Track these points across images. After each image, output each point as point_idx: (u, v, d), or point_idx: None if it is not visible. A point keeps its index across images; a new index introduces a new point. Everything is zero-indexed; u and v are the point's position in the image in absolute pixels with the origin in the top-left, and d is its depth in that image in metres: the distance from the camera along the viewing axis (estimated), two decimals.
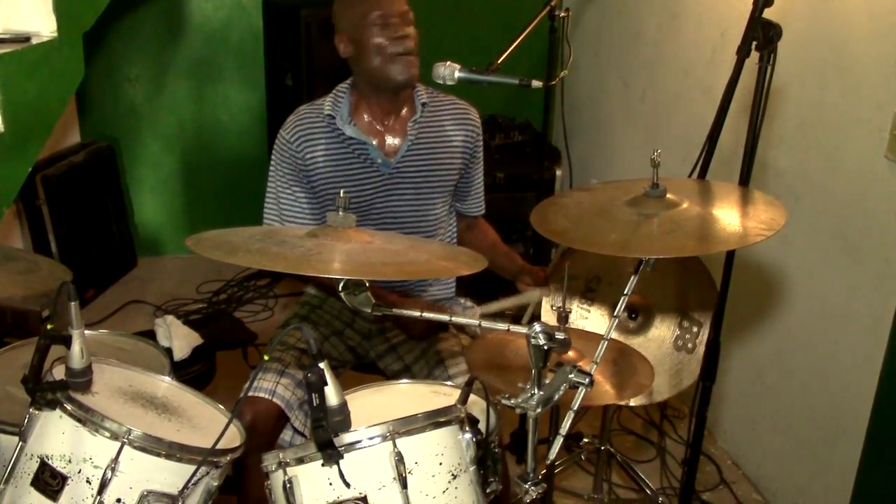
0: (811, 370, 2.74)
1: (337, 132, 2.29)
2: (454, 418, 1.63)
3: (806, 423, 2.79)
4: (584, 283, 2.38)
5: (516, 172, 4.08)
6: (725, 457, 3.18)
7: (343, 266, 1.36)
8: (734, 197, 1.77)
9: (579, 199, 1.78)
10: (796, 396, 2.82)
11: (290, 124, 2.33)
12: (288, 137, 2.31)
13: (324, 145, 2.29)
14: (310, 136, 2.30)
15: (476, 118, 2.42)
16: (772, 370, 2.93)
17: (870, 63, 2.38)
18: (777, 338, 2.88)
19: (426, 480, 1.55)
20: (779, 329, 2.87)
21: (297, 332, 2.39)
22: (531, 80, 2.21)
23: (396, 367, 2.39)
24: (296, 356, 2.33)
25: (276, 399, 2.22)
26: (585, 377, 1.59)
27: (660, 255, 1.57)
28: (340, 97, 2.32)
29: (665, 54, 3.50)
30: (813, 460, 2.76)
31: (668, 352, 2.30)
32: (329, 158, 2.29)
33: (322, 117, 2.30)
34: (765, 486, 3.00)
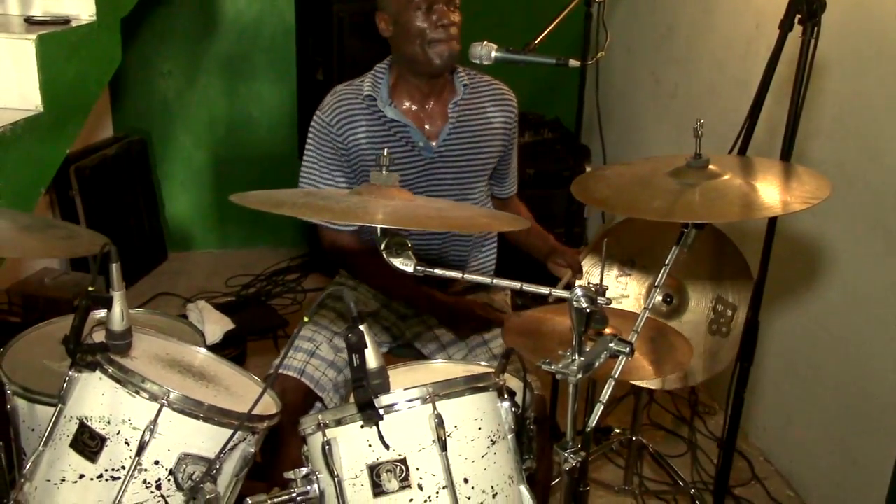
0: (845, 363, 2.70)
1: (377, 114, 2.27)
2: (492, 384, 1.63)
3: (840, 417, 2.75)
4: (619, 267, 2.37)
5: (546, 169, 4.08)
6: (757, 453, 3.15)
7: (387, 217, 1.36)
8: (776, 170, 1.76)
9: (620, 171, 1.78)
10: (830, 390, 2.79)
11: (329, 105, 2.30)
12: (327, 119, 2.28)
13: (365, 127, 2.26)
14: (350, 117, 2.27)
15: (514, 100, 2.41)
16: (805, 364, 2.90)
17: None
18: (811, 331, 2.85)
19: (465, 444, 1.55)
20: (813, 322, 2.84)
21: (330, 313, 2.39)
22: (568, 59, 2.21)
23: (433, 347, 2.38)
24: (328, 336, 2.33)
25: (304, 378, 2.22)
26: (626, 346, 1.58)
27: (703, 220, 1.56)
28: (380, 78, 2.30)
29: (698, 49, 3.49)
30: (847, 455, 2.72)
31: (702, 335, 2.28)
32: (371, 140, 2.26)
33: (362, 98, 2.28)
34: (798, 482, 2.96)
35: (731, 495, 2.91)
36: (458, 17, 2.21)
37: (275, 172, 4.48)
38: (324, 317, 2.39)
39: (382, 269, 2.24)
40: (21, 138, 2.35)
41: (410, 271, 1.50)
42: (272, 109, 4.55)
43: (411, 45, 2.20)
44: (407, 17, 2.18)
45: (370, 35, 2.33)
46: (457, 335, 2.34)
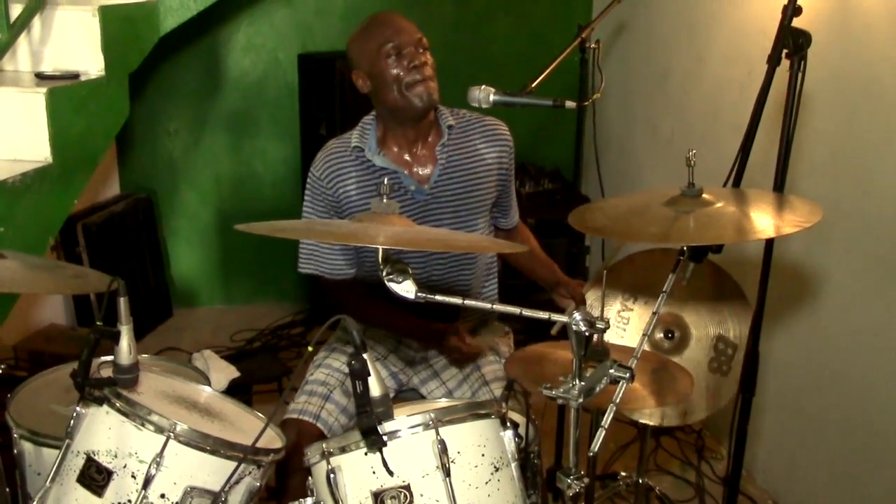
0: (849, 399, 2.71)
1: (366, 164, 2.29)
2: (494, 412, 1.65)
3: (847, 454, 2.74)
4: (621, 303, 2.39)
5: (547, 218, 4.12)
6: (765, 495, 3.12)
7: (388, 239, 1.39)
8: (769, 199, 1.80)
9: (616, 202, 1.82)
10: (836, 429, 2.78)
11: (320, 161, 2.33)
12: (318, 174, 2.31)
13: (355, 177, 2.29)
14: (340, 169, 2.30)
15: (507, 133, 2.41)
16: (810, 403, 2.90)
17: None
18: (814, 368, 2.86)
19: (469, 470, 1.56)
20: (816, 358, 2.85)
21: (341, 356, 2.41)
22: (564, 100, 2.27)
23: (440, 393, 2.39)
24: (340, 380, 2.34)
25: (319, 423, 2.24)
26: (626, 371, 1.60)
27: (698, 243, 1.59)
28: (367, 129, 2.32)
29: (692, 95, 3.56)
30: (855, 494, 2.71)
31: (703, 373, 2.29)
32: (361, 190, 2.29)
33: (350, 150, 2.30)
34: None
35: None
36: (429, 58, 2.24)
37: None
38: (335, 359, 2.41)
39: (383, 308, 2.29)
40: (31, 188, 2.40)
41: (412, 298, 1.52)
42: (276, 166, 4.63)
43: (390, 93, 2.22)
44: (380, 67, 2.21)
45: None
46: (451, 361, 2.37)
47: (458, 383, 2.39)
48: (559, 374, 1.76)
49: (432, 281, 2.38)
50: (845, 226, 2.64)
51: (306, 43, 4.45)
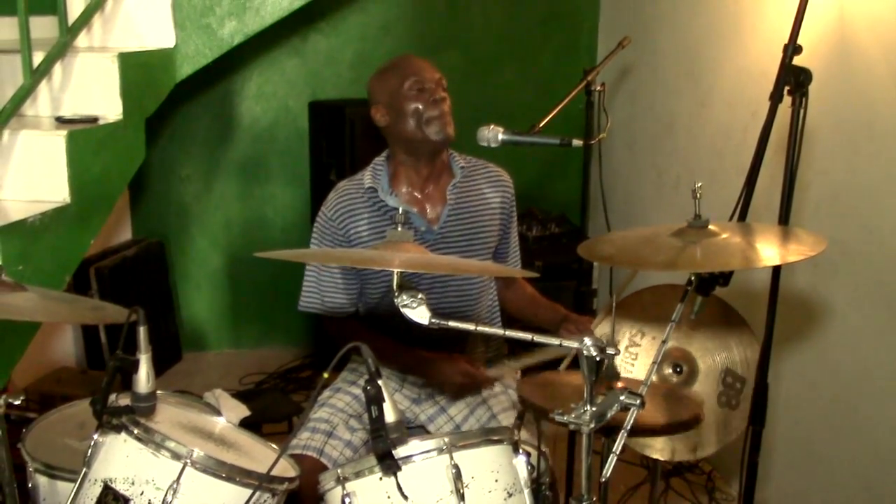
0: (862, 440, 2.71)
1: (378, 204, 2.34)
2: (507, 438, 1.67)
3: (855, 495, 2.74)
4: (629, 338, 2.42)
5: (554, 262, 4.16)
6: None
7: (402, 263, 1.43)
8: (774, 230, 1.84)
9: (624, 234, 1.86)
10: (847, 468, 2.78)
11: (332, 201, 2.39)
12: (330, 214, 2.37)
13: (367, 218, 2.34)
14: (352, 210, 2.35)
15: (509, 180, 2.50)
16: (820, 439, 2.90)
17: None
18: (823, 404, 2.87)
19: (483, 496, 1.58)
20: (824, 394, 2.86)
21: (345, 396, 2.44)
22: (571, 139, 2.33)
23: (448, 429, 2.41)
24: (344, 419, 2.37)
25: (323, 458, 2.25)
26: (636, 398, 1.63)
27: (705, 269, 1.63)
28: (379, 170, 2.39)
29: (697, 140, 3.63)
30: None
31: (712, 407, 2.30)
32: (373, 230, 2.33)
33: (363, 191, 2.36)
34: None
35: None
36: (447, 96, 2.33)
37: (288, 273, 4.55)
38: (339, 399, 2.43)
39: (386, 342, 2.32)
40: (49, 228, 2.45)
41: (426, 323, 1.56)
42: (286, 211, 4.69)
43: (408, 126, 2.30)
44: (401, 101, 2.31)
45: (381, 136, 2.46)
46: (443, 392, 2.39)
47: (464, 417, 2.41)
48: (570, 400, 1.79)
49: (441, 309, 2.42)
50: (850, 263, 2.67)
51: (316, 91, 4.54)
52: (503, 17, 4.67)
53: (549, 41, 4.71)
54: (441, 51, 4.56)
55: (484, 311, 2.52)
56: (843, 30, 2.66)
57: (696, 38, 3.63)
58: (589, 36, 4.71)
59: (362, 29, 4.55)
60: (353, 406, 2.40)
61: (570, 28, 4.72)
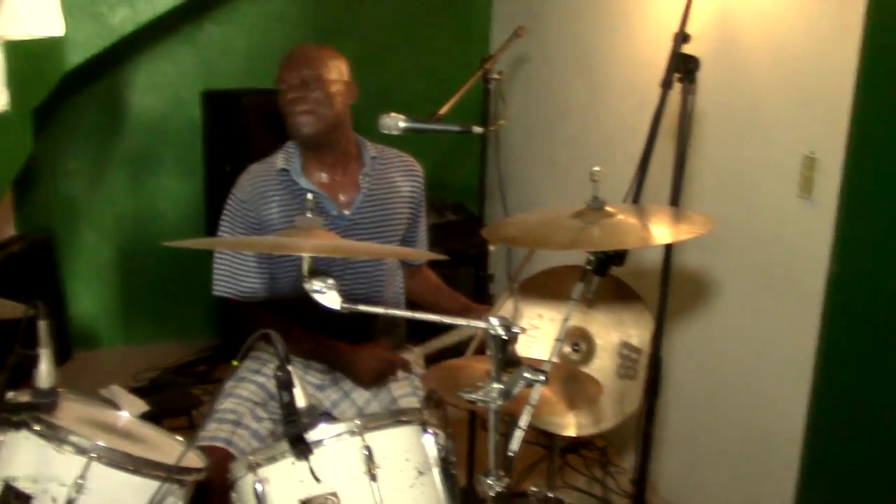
0: (745, 408, 2.86)
1: (291, 186, 2.36)
2: (416, 418, 1.70)
3: (743, 461, 2.89)
4: (528, 321, 2.49)
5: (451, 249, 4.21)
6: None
7: (314, 248, 1.44)
8: (666, 211, 1.93)
9: (525, 218, 1.91)
10: (731, 435, 2.94)
11: (244, 184, 2.39)
12: (242, 197, 2.36)
13: (278, 200, 2.35)
14: (264, 193, 2.36)
15: (420, 169, 2.55)
16: (708, 413, 3.05)
17: (778, 110, 2.62)
18: (710, 378, 3.01)
19: (395, 475, 1.61)
20: (712, 369, 3.00)
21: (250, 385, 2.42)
22: (471, 126, 2.38)
23: (351, 413, 2.43)
24: (250, 408, 2.35)
25: (231, 448, 2.23)
26: (541, 374, 1.68)
27: (604, 248, 1.70)
28: (291, 152, 2.41)
29: (591, 128, 3.73)
30: (751, 497, 2.85)
31: (611, 380, 2.39)
32: (284, 212, 2.34)
33: (275, 173, 2.37)
34: None
35: None
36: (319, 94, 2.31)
37: (182, 266, 4.49)
38: (245, 388, 2.42)
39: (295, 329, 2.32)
40: None
41: (337, 309, 1.57)
42: (179, 203, 4.59)
43: (285, 119, 2.35)
44: (280, 95, 2.35)
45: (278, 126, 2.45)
46: (359, 384, 2.41)
47: (367, 401, 2.43)
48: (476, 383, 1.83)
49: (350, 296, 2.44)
50: (734, 242, 2.81)
51: (210, 81, 4.45)
52: (397, 5, 4.69)
53: (443, 30, 4.76)
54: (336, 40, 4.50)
55: (390, 298, 2.55)
56: (728, 19, 2.79)
57: (587, 28, 3.73)
58: (482, 25, 4.78)
59: (257, 18, 4.49)
60: (258, 395, 2.39)
61: (464, 17, 4.78)
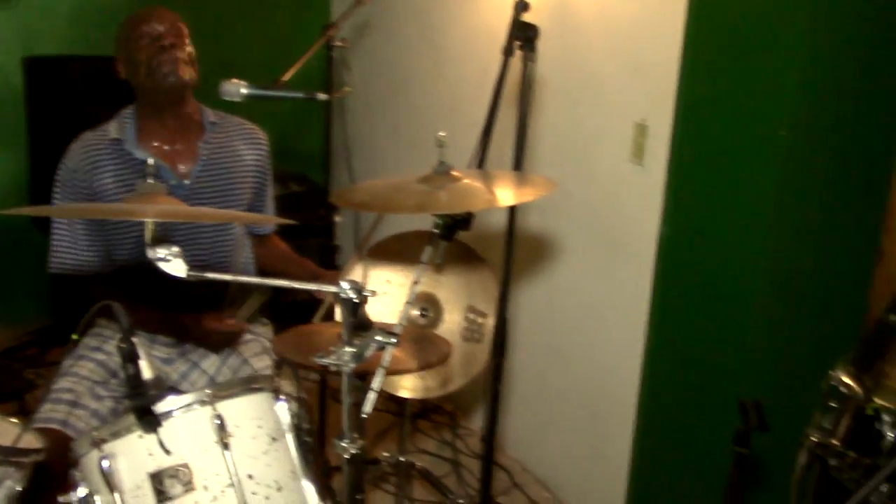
0: (586, 367, 3.00)
1: (126, 156, 2.27)
2: (267, 385, 1.69)
3: (584, 417, 3.03)
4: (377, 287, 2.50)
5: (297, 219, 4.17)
6: (517, 464, 3.36)
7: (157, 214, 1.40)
8: (510, 176, 1.98)
9: (374, 183, 1.92)
10: (574, 394, 3.07)
11: (75, 152, 2.28)
12: (72, 166, 2.27)
13: (112, 170, 2.26)
14: (97, 162, 2.26)
15: (265, 137, 2.51)
16: (552, 372, 3.17)
17: (612, 79, 2.73)
18: (555, 340, 3.13)
19: (248, 442, 1.59)
20: (557, 331, 3.12)
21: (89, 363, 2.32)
22: (316, 93, 2.36)
23: (202, 383, 2.38)
24: (89, 387, 2.26)
25: (68, 430, 2.14)
26: (392, 336, 1.70)
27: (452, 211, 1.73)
28: (126, 121, 2.32)
29: (433, 96, 3.77)
30: (593, 450, 3.00)
31: (458, 343, 2.45)
32: (119, 183, 2.25)
33: (107, 142, 2.28)
34: (554, 484, 3.20)
35: None
36: (186, 44, 2.29)
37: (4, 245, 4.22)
38: (83, 367, 2.32)
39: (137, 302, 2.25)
40: None
41: (183, 276, 1.53)
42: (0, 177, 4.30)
43: (140, 75, 2.26)
44: (133, 51, 2.25)
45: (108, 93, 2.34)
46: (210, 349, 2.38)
47: (217, 368, 2.40)
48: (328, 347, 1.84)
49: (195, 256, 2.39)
50: (573, 205, 2.92)
51: (31, 46, 4.17)
52: None
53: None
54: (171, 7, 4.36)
55: (239, 269, 2.50)
56: None
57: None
58: None
59: None
60: (98, 373, 2.30)
61: None
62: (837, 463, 1.41)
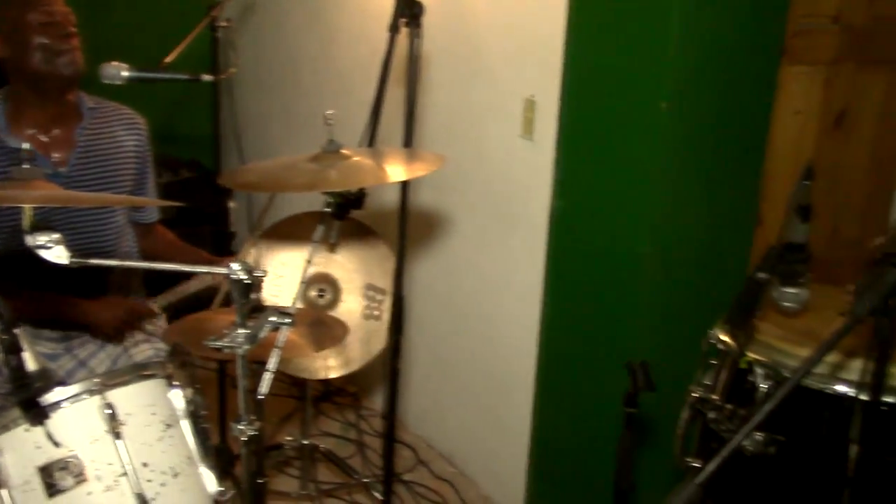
0: (484, 341, 3.04)
1: None
2: (159, 372, 1.66)
3: (485, 391, 3.08)
4: (272, 271, 2.48)
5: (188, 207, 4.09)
6: (421, 441, 3.39)
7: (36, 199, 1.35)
8: (400, 153, 1.99)
9: (264, 164, 1.90)
10: (473, 368, 3.11)
11: None
12: None
13: None
14: None
15: (143, 123, 2.44)
16: (452, 348, 3.20)
17: (500, 56, 2.76)
18: (454, 316, 3.17)
19: (141, 430, 1.57)
20: (455, 306, 3.15)
21: None
22: (200, 74, 2.32)
23: None
24: None
25: None
26: (287, 316, 1.69)
27: (342, 188, 1.73)
28: None
29: (324, 76, 3.74)
30: (494, 423, 3.05)
31: (358, 322, 2.46)
32: None
33: None
34: (458, 458, 3.25)
35: (401, 482, 3.12)
36: (76, 32, 2.22)
37: None
38: None
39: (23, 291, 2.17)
40: None
41: (66, 263, 1.49)
42: None
43: (33, 60, 2.16)
44: (25, 33, 2.15)
45: None
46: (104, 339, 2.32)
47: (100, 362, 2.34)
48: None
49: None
50: (467, 182, 2.95)
51: None
52: None
53: None
54: None
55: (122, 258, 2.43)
56: None
57: None
58: None
59: None
60: None
61: None
62: (716, 415, 1.48)
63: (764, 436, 1.43)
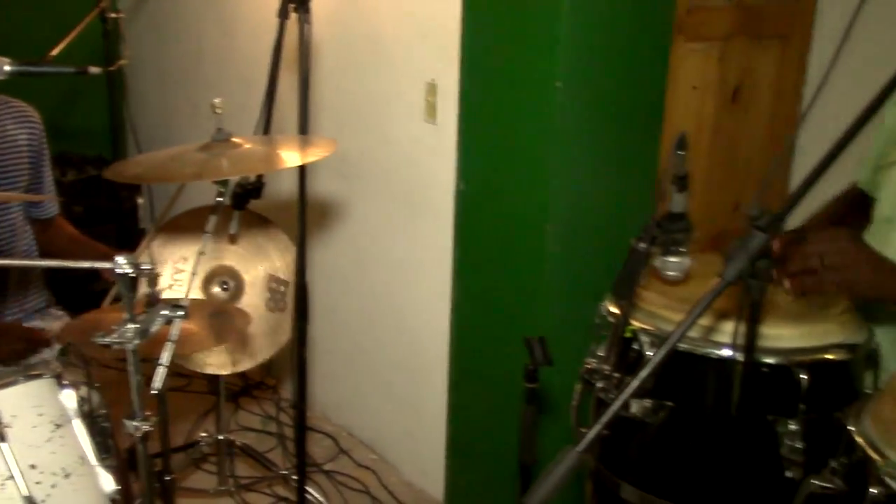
0: (397, 326, 3.04)
1: None
2: (47, 371, 1.62)
3: (399, 377, 3.08)
4: (172, 265, 2.44)
5: (95, 205, 4.00)
6: (342, 430, 3.38)
7: None
8: (294, 140, 1.97)
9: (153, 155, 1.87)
10: (388, 355, 3.11)
11: None
12: None
13: None
14: None
15: (37, 116, 2.38)
16: (365, 338, 3.20)
17: (400, 41, 2.75)
18: (365, 303, 3.16)
19: (28, 431, 1.53)
20: (366, 294, 3.14)
21: None
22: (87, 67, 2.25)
23: None
24: None
25: None
26: (179, 309, 1.67)
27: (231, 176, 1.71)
28: None
29: (225, 66, 3.68)
30: (412, 408, 3.06)
31: (263, 314, 2.43)
32: None
33: None
34: (379, 445, 3.25)
35: (322, 472, 3.11)
36: None
37: None
38: None
39: None
40: None
41: None
42: None
43: None
44: None
45: None
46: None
47: None
48: None
49: None
50: (372, 168, 2.94)
51: None
52: None
53: None
54: None
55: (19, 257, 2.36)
56: None
57: None
58: None
59: None
60: None
61: None
62: (604, 384, 1.50)
63: (652, 402, 1.45)
